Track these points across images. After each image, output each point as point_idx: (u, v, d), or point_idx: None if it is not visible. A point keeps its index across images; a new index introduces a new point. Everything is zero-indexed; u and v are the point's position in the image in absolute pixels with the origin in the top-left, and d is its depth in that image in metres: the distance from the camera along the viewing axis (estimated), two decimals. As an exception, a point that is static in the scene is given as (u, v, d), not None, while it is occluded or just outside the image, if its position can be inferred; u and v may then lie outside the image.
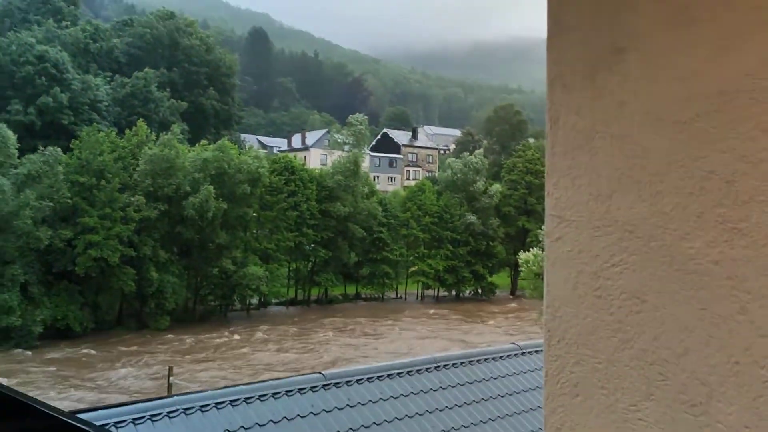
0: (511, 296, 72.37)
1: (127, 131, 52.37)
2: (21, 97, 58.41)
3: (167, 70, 77.34)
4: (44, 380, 32.94)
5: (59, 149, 45.38)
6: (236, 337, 44.24)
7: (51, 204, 42.53)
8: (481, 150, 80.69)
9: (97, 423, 6.08)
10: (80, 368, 35.68)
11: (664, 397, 1.25)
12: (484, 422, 8.34)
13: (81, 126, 57.02)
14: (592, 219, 1.37)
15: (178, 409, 6.51)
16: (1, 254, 40.38)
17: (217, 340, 43.69)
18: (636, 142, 1.30)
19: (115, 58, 75.53)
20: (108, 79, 69.43)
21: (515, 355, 10.01)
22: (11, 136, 44.94)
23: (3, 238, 40.40)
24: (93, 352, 39.82)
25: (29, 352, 39.23)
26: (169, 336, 44.42)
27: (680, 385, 1.23)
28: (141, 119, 56.55)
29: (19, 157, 44.75)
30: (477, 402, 8.63)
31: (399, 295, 67.71)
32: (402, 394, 8.15)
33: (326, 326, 48.81)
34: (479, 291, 70.09)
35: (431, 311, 58.70)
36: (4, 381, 29.78)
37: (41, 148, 45.43)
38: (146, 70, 70.59)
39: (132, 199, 46.06)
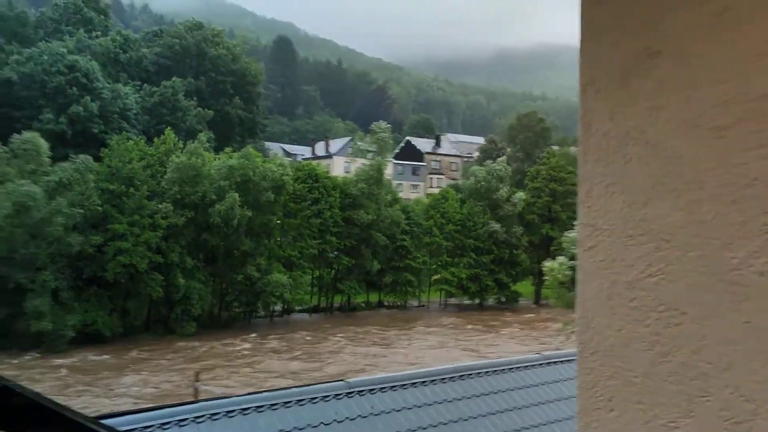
0: (535, 305, 71.70)
1: (155, 139, 53.29)
2: (53, 107, 59.79)
3: (194, 79, 78.57)
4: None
5: (90, 157, 46.33)
6: (245, 345, 44.26)
7: (81, 211, 43.37)
8: (504, 157, 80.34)
9: (124, 428, 6.20)
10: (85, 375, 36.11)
11: (705, 414, 1.20)
12: (508, 433, 8.29)
13: (111, 134, 58.18)
14: (626, 227, 1.33)
15: (204, 415, 6.61)
16: (33, 260, 41.22)
17: (229, 348, 43.85)
18: (672, 149, 1.27)
19: (144, 67, 76.97)
20: (137, 88, 70.77)
21: (540, 364, 9.93)
22: (44, 145, 45.98)
23: (35, 244, 41.27)
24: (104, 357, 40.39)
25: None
26: (180, 344, 44.72)
27: (723, 401, 1.19)
28: (169, 127, 57.50)
29: (51, 165, 45.77)
30: (501, 412, 8.59)
31: (422, 303, 67.53)
32: (426, 403, 8.15)
33: (338, 335, 48.57)
34: (503, 299, 69.59)
35: (448, 320, 58.30)
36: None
37: (72, 156, 46.43)
38: (174, 79, 71.81)
39: (160, 206, 46.76)
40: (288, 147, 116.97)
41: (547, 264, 33.68)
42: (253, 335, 47.83)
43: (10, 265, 40.70)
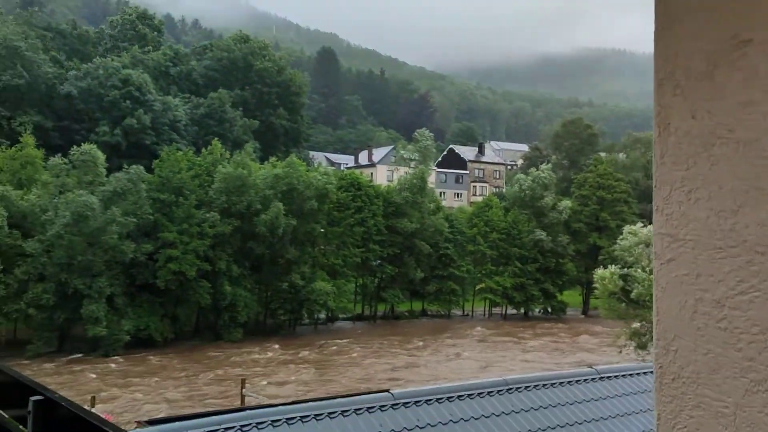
0: (582, 315, 70.12)
1: (203, 150, 54.56)
2: (108, 119, 62.19)
3: (241, 90, 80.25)
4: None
5: (142, 168, 47.80)
6: (268, 354, 44.07)
7: (134, 220, 44.73)
8: (549, 165, 79.08)
9: (175, 435, 6.27)
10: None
11: None
12: (558, 449, 8.04)
13: (162, 145, 59.92)
14: (713, 238, 1.20)
15: (250, 423, 6.63)
16: (90, 267, 42.70)
17: (256, 355, 44.11)
18: (766, 149, 1.14)
19: (193, 80, 79.11)
20: (185, 100, 72.71)
21: (593, 379, 9.61)
22: (101, 156, 47.82)
23: (92, 252, 42.77)
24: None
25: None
26: (212, 353, 45.36)
27: None
28: (216, 138, 58.80)
29: (106, 176, 47.43)
30: (552, 428, 8.34)
31: (466, 313, 66.88)
32: (472, 417, 7.98)
33: (365, 345, 48.11)
34: (549, 309, 68.30)
35: (489, 330, 57.31)
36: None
37: (125, 166, 47.98)
38: (219, 90, 73.47)
39: (207, 215, 47.78)
40: (332, 156, 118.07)
41: (598, 272, 32.82)
42: (270, 345, 47.69)
43: (69, 271, 42.27)
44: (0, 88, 59.24)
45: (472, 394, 8.34)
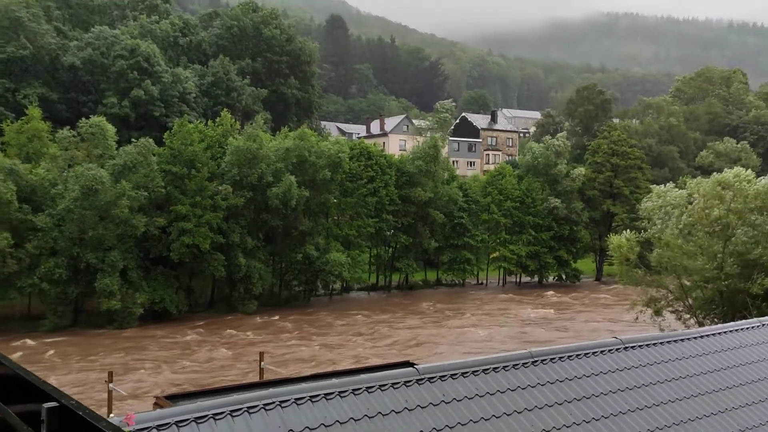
0: (596, 281, 69.94)
1: (210, 122, 54.09)
2: (115, 91, 61.48)
3: (251, 60, 79.37)
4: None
5: (151, 140, 47.44)
6: (248, 334, 42.29)
7: (146, 193, 44.61)
8: (564, 132, 78.03)
9: (196, 414, 6.12)
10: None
11: None
12: (587, 421, 7.87)
13: (171, 117, 59.51)
14: None
15: (274, 402, 6.47)
16: (102, 241, 42.78)
17: (271, 326, 44.08)
18: None
19: (203, 50, 78.20)
20: (195, 71, 71.96)
21: (617, 350, 9.40)
22: (111, 129, 47.41)
23: (103, 225, 42.77)
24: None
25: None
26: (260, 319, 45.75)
27: None
28: (225, 109, 58.30)
29: (116, 149, 47.14)
30: (578, 399, 8.15)
31: (480, 281, 66.87)
32: (498, 391, 7.80)
33: (355, 318, 47.15)
34: (563, 277, 68.11)
35: (501, 296, 57.26)
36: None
37: (135, 139, 47.68)
38: (221, 57, 72.59)
39: (220, 188, 47.61)
40: (343, 126, 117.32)
41: (614, 239, 32.38)
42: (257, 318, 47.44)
43: (81, 245, 42.39)
44: (4, 60, 58.60)
45: (497, 368, 8.15)
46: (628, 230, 34.12)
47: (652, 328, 29.63)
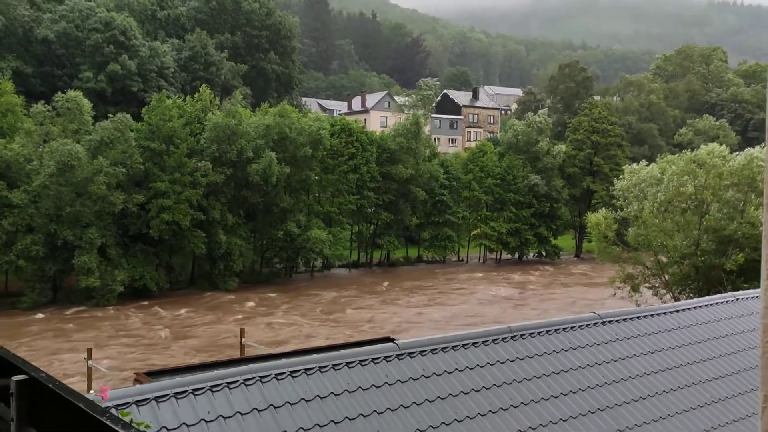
0: (576, 258, 70.84)
1: (189, 98, 53.24)
2: (91, 65, 60.12)
3: (230, 34, 78.05)
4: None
5: (129, 116, 46.62)
6: (263, 301, 42.98)
7: (124, 170, 43.95)
8: (545, 109, 78.19)
9: (175, 390, 6.10)
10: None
11: None
12: (564, 394, 8.00)
13: (149, 92, 58.44)
14: None
15: (254, 377, 6.48)
16: (79, 218, 42.19)
17: (251, 303, 43.73)
18: None
19: (181, 24, 76.64)
20: (174, 45, 70.61)
21: (595, 324, 9.54)
22: (87, 104, 46.45)
23: (80, 202, 42.14)
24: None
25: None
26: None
27: None
28: (204, 84, 57.40)
29: (93, 124, 46.26)
30: (556, 373, 8.28)
31: (461, 258, 67.33)
32: (478, 365, 7.89)
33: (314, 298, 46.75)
34: (543, 253, 68.84)
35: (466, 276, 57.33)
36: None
37: (111, 114, 46.80)
38: (198, 30, 71.25)
39: (199, 164, 47.07)
40: (324, 102, 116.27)
41: (592, 218, 32.76)
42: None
43: (58, 222, 41.79)
44: None
45: (477, 343, 8.23)
46: (605, 208, 34.55)
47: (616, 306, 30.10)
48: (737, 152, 32.40)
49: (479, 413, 7.19)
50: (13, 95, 47.25)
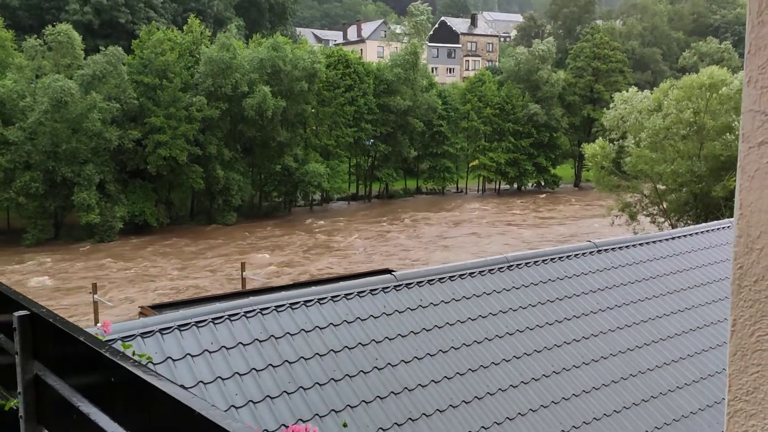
0: (575, 188, 70.98)
1: (178, 31, 51.74)
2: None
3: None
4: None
5: (120, 48, 45.50)
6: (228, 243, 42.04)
7: (118, 105, 43.32)
8: (551, 38, 76.17)
9: (179, 322, 6.24)
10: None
11: None
12: (559, 321, 8.18)
13: (139, 24, 56.82)
14: None
15: (254, 309, 6.60)
16: (76, 154, 41.97)
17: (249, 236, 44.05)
18: None
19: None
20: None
21: (591, 252, 9.65)
22: (77, 37, 45.24)
23: (76, 138, 41.80)
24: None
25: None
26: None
27: None
28: (193, 15, 55.71)
29: (84, 58, 45.23)
30: (552, 301, 8.44)
31: (460, 189, 67.43)
32: (474, 295, 8.02)
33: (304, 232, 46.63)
34: (542, 183, 68.89)
35: (472, 205, 57.62)
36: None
37: (102, 48, 45.67)
38: None
39: (194, 99, 46.35)
40: (319, 32, 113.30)
41: (588, 148, 32.57)
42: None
43: (56, 159, 41.59)
44: None
45: (474, 273, 8.34)
46: (602, 137, 34.26)
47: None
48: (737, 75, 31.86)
49: (476, 341, 7.37)
50: (2, 29, 46.04)
